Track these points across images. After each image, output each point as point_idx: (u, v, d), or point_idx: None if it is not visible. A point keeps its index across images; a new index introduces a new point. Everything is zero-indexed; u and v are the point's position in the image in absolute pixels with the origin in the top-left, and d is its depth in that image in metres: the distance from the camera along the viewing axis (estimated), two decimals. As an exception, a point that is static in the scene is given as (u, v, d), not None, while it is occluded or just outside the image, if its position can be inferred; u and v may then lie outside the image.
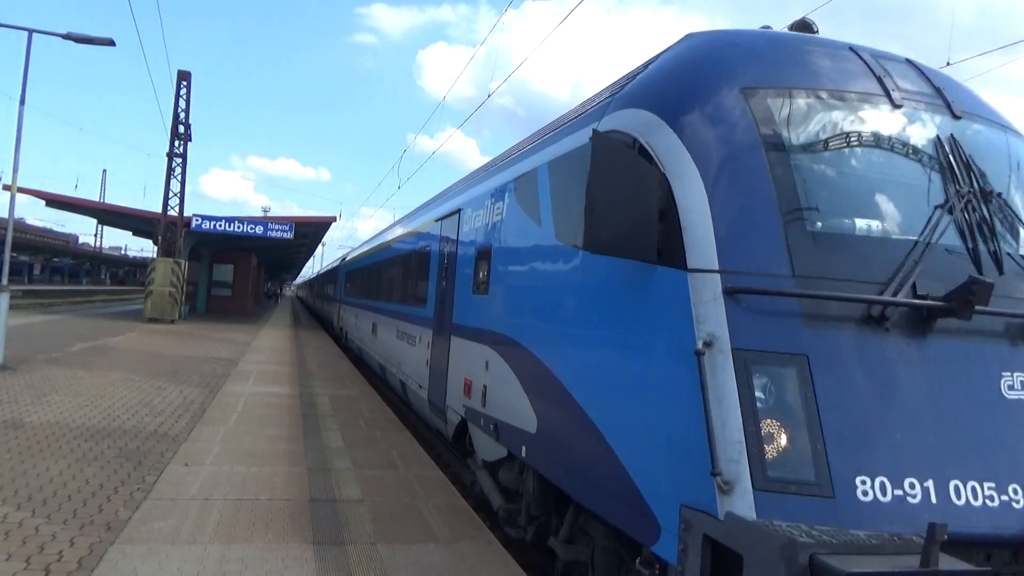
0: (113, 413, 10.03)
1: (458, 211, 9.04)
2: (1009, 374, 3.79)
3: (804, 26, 5.35)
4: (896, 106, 4.36)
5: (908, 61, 4.91)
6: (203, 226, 29.68)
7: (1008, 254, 4.17)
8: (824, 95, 4.31)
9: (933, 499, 3.32)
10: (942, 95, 4.60)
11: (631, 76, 5.34)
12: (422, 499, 7.21)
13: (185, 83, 30.02)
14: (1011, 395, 3.74)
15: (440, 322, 9.39)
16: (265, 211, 60.19)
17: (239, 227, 30.02)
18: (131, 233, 43.81)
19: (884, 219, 4.11)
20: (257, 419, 10.66)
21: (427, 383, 9.96)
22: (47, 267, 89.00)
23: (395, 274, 14.79)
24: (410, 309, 12.08)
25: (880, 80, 4.45)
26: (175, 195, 30.02)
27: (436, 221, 10.55)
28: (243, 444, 8.91)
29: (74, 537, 5.33)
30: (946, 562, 2.75)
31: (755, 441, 3.31)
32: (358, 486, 7.47)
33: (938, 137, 4.36)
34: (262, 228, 30.38)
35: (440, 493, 7.51)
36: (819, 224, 3.94)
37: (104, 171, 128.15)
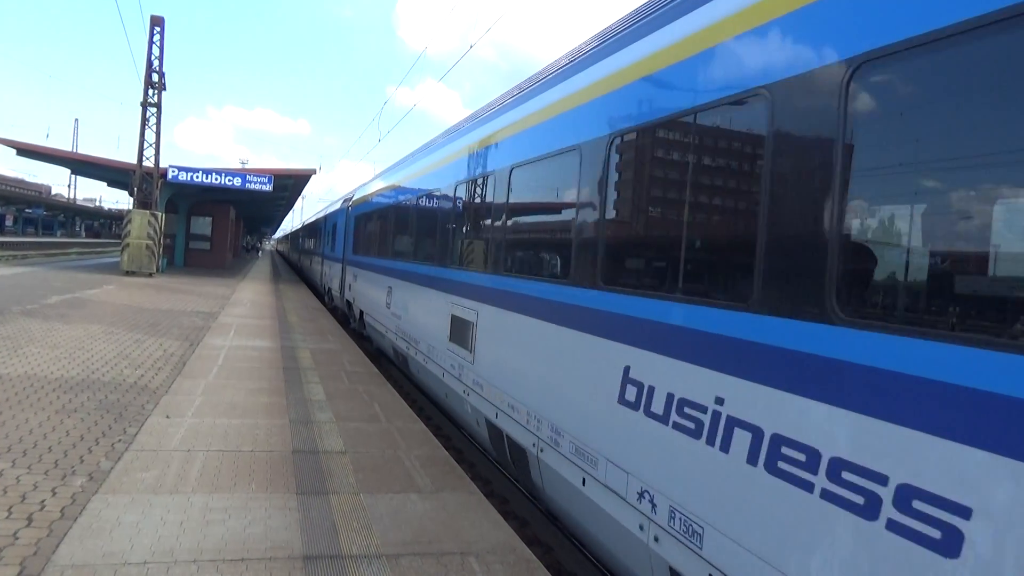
0: (92, 365, 9.96)
1: None
2: None
3: None
4: None
5: None
6: (179, 177, 29.13)
7: None
8: None
9: None
10: None
11: None
12: (404, 450, 7.29)
13: (158, 29, 29.06)
14: None
15: None
16: (243, 163, 59.20)
17: (216, 179, 29.48)
18: (106, 184, 42.82)
19: None
20: (238, 372, 10.65)
21: None
22: (20, 218, 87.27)
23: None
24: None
25: None
26: (150, 145, 29.32)
27: None
28: (224, 397, 8.92)
29: (56, 487, 5.34)
30: None
31: None
32: (340, 438, 7.53)
33: None
34: (240, 180, 29.85)
35: (422, 445, 7.59)
36: None
37: (76, 120, 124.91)
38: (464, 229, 8.84)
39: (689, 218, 4.23)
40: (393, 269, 12.90)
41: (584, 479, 5.05)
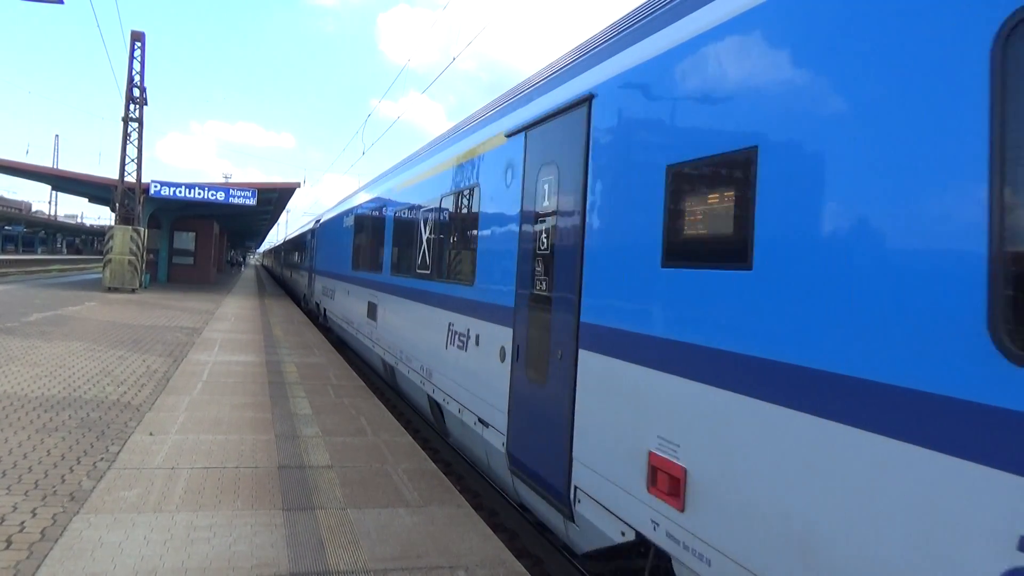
0: (74, 383, 9.83)
1: None
2: None
3: None
4: None
5: None
6: (162, 192, 28.93)
7: None
8: None
9: None
10: None
11: None
12: (391, 464, 7.24)
13: (139, 44, 28.95)
14: None
15: None
16: (227, 178, 58.92)
17: (199, 193, 29.31)
18: (87, 200, 42.48)
19: None
20: (223, 388, 10.55)
21: None
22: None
23: None
24: None
25: None
26: (132, 160, 29.14)
27: None
28: (209, 413, 8.82)
29: (36, 508, 5.25)
30: None
31: None
32: (327, 452, 7.46)
33: None
34: (223, 194, 29.69)
35: (409, 458, 7.54)
36: None
37: (56, 136, 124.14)
38: None
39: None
40: None
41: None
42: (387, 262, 11.91)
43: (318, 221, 26.40)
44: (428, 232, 9.26)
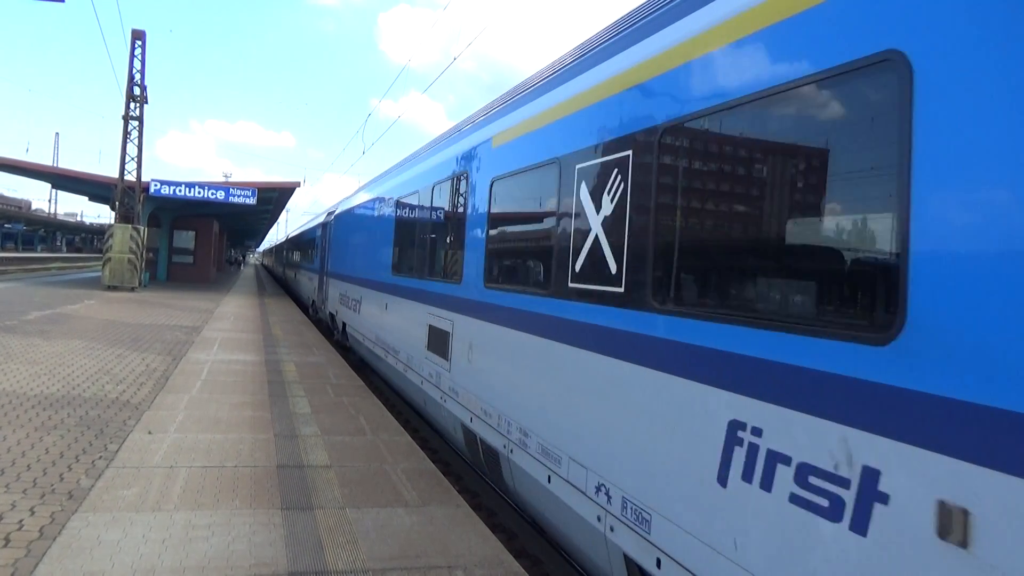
0: (73, 381, 9.82)
1: None
2: None
3: None
4: None
5: None
6: (162, 191, 28.92)
7: None
8: None
9: None
10: None
11: None
12: (390, 464, 7.23)
13: (140, 42, 28.94)
14: None
15: None
16: (227, 177, 58.89)
17: (199, 192, 29.30)
18: (87, 199, 42.51)
19: None
20: (222, 386, 10.54)
21: None
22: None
23: None
24: None
25: None
26: (132, 159, 29.13)
27: None
28: (208, 411, 8.82)
29: (35, 506, 5.24)
30: None
31: None
32: (326, 452, 7.46)
33: None
34: (223, 193, 29.68)
35: (408, 458, 7.54)
36: None
37: (57, 134, 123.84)
38: None
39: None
40: None
41: None
42: (477, 265, 7.22)
43: (331, 213, 21.01)
44: (629, 210, 4.48)
